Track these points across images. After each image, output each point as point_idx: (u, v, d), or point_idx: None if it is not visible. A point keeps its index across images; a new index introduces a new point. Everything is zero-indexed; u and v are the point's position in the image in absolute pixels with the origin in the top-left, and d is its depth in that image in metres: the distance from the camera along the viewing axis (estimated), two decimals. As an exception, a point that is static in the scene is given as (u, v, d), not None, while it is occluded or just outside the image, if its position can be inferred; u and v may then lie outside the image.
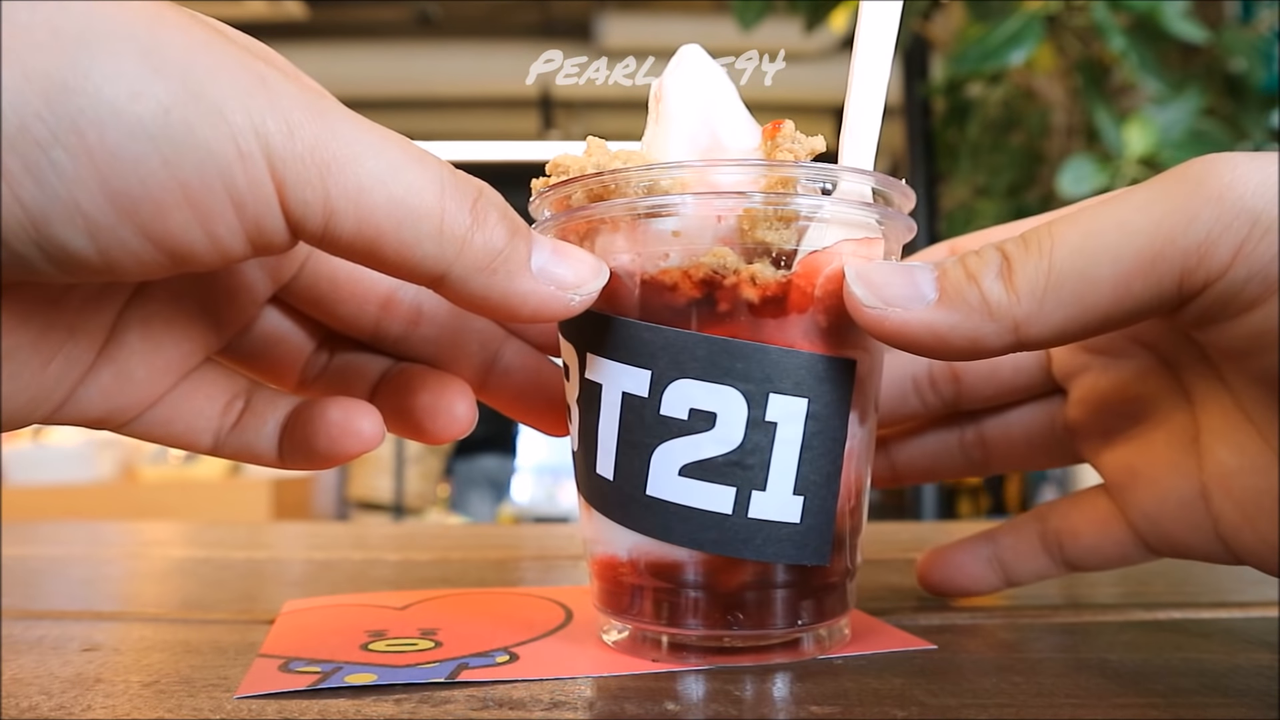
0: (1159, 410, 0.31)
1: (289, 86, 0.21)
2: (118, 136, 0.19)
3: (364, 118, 0.22)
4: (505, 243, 0.24)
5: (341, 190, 0.21)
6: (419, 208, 0.22)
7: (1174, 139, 1.38)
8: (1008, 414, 0.35)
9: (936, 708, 0.24)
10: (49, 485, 2.46)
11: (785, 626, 0.28)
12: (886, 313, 0.26)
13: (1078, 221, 0.24)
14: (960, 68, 1.49)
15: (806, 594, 0.29)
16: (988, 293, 0.25)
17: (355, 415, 0.29)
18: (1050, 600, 0.38)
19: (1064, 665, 0.29)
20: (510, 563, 0.50)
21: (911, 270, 0.26)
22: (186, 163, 0.20)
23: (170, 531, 0.67)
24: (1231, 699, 0.25)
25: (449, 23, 3.64)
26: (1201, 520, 0.29)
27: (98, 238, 0.20)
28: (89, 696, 0.26)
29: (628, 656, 0.29)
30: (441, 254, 0.23)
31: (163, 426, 0.29)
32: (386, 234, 0.22)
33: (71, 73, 0.19)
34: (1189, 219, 0.23)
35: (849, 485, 0.29)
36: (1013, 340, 0.25)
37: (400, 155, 0.22)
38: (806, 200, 0.27)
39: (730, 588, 0.28)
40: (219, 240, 0.21)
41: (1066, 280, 0.24)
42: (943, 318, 0.25)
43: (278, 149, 0.20)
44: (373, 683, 0.27)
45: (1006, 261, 0.25)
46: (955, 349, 0.25)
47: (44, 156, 0.19)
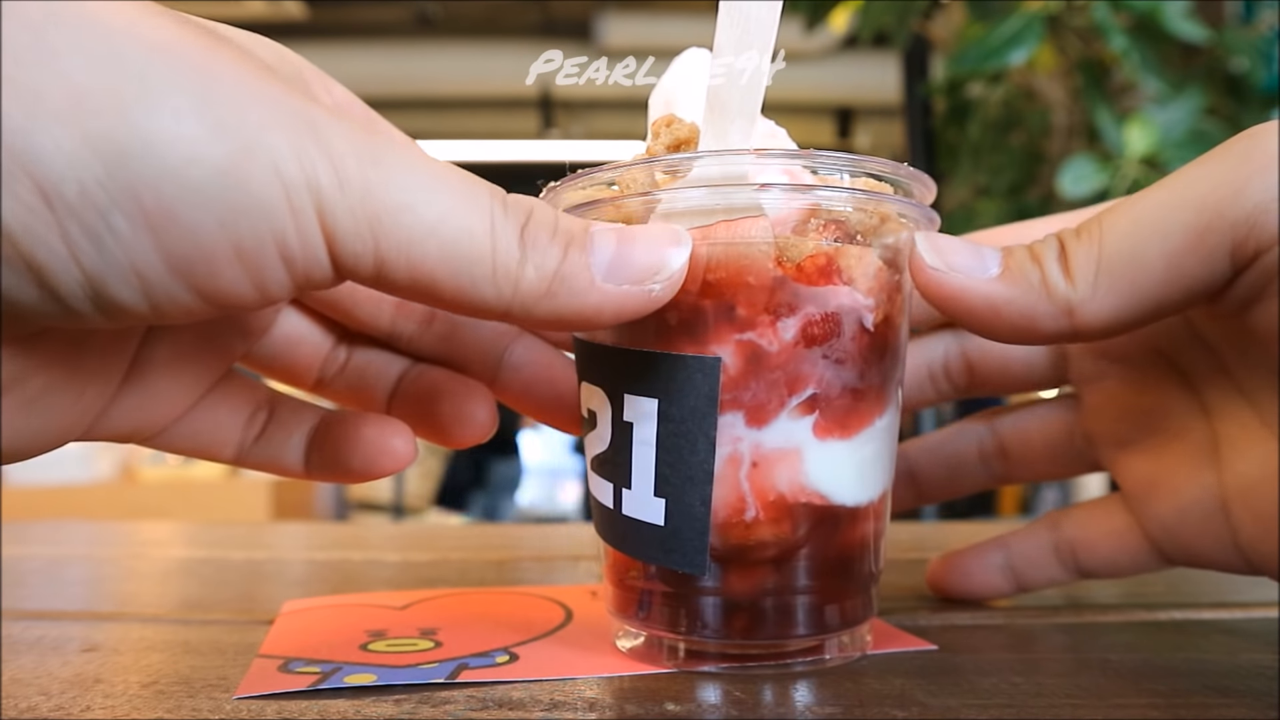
0: (1177, 420, 0.31)
1: (337, 129, 0.21)
2: (175, 201, 0.19)
3: (414, 148, 0.22)
4: (559, 262, 0.23)
5: (392, 242, 0.21)
6: (471, 253, 0.22)
7: (1175, 139, 1.38)
8: (1026, 425, 0.35)
9: (937, 708, 0.24)
10: (49, 485, 2.46)
11: (808, 633, 0.28)
12: (948, 276, 0.25)
13: (1127, 206, 0.25)
14: (961, 67, 1.49)
15: (830, 599, 0.28)
16: (1048, 272, 0.25)
17: (389, 434, 0.29)
18: (1051, 600, 0.38)
19: (1065, 665, 0.29)
20: (510, 563, 0.50)
21: (979, 246, 0.26)
22: (241, 223, 0.20)
23: (170, 531, 0.67)
24: (1232, 699, 0.25)
25: (449, 23, 3.64)
26: (1221, 532, 0.29)
27: (151, 294, 0.20)
28: (88, 697, 0.26)
29: (637, 661, 0.29)
30: (499, 294, 0.22)
31: (188, 439, 0.29)
32: (441, 281, 0.22)
33: (130, 138, 0.19)
34: (1236, 190, 0.23)
35: (760, 490, 0.27)
36: (1067, 325, 0.25)
37: (451, 196, 0.22)
38: (667, 194, 0.26)
39: (747, 593, 0.27)
40: (266, 290, 0.21)
41: (1118, 263, 0.24)
42: (1001, 291, 0.25)
43: (328, 202, 0.20)
44: (372, 683, 0.26)
45: (1063, 249, 0.25)
46: (1008, 324, 0.25)
47: (102, 221, 0.19)
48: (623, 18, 3.50)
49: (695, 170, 0.26)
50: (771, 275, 0.26)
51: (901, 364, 0.29)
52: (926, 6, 1.80)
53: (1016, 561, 0.35)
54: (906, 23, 1.68)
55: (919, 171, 0.28)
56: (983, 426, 0.36)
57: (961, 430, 0.36)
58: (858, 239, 0.27)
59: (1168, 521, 0.31)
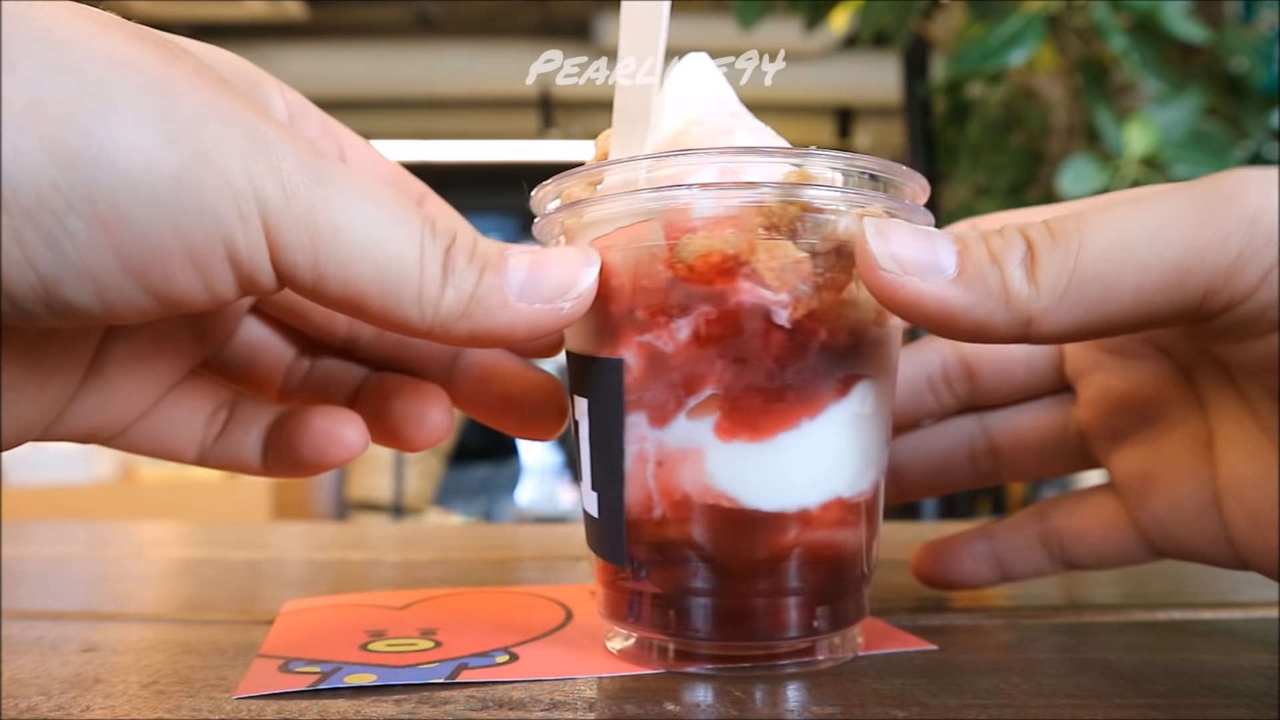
0: (1172, 414, 0.31)
1: (288, 147, 0.22)
2: (131, 205, 0.20)
3: (353, 173, 0.23)
4: (474, 284, 0.24)
5: (330, 258, 0.22)
6: (400, 275, 0.23)
7: (1175, 139, 1.38)
8: (1019, 421, 0.35)
9: (937, 708, 0.24)
10: (48, 485, 2.46)
11: (799, 635, 0.28)
12: (902, 281, 0.24)
13: (1108, 221, 0.24)
14: (960, 67, 1.49)
15: (821, 600, 0.28)
16: (1010, 279, 0.24)
17: (339, 423, 0.30)
18: (1050, 601, 0.38)
19: (1064, 666, 0.29)
20: (510, 563, 0.50)
21: (933, 238, 0.25)
22: (194, 227, 0.21)
23: (170, 531, 0.67)
24: (1232, 699, 0.25)
25: (449, 23, 3.63)
26: (1213, 526, 0.29)
27: (105, 296, 0.21)
28: (88, 697, 0.26)
29: (628, 663, 0.29)
30: (421, 315, 0.24)
31: (148, 439, 0.30)
32: (371, 299, 0.23)
33: (87, 144, 0.20)
34: (1222, 237, 0.23)
35: (659, 487, 0.27)
36: (1021, 333, 0.24)
37: (388, 222, 0.23)
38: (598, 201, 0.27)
39: (738, 593, 0.27)
40: (215, 291, 0.22)
41: (1090, 284, 0.23)
42: (958, 296, 0.24)
43: (274, 213, 0.22)
44: (372, 683, 0.27)
45: (1031, 251, 0.24)
46: (962, 330, 0.24)
47: (59, 225, 0.20)
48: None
49: (605, 180, 0.27)
50: (664, 277, 0.26)
51: (860, 361, 0.27)
52: (926, 6, 1.80)
53: (1002, 550, 0.34)
54: (906, 23, 1.68)
55: (911, 170, 0.27)
56: (973, 423, 0.35)
57: (951, 426, 0.36)
58: (774, 233, 0.26)
59: (1160, 515, 0.31)
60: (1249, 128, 1.48)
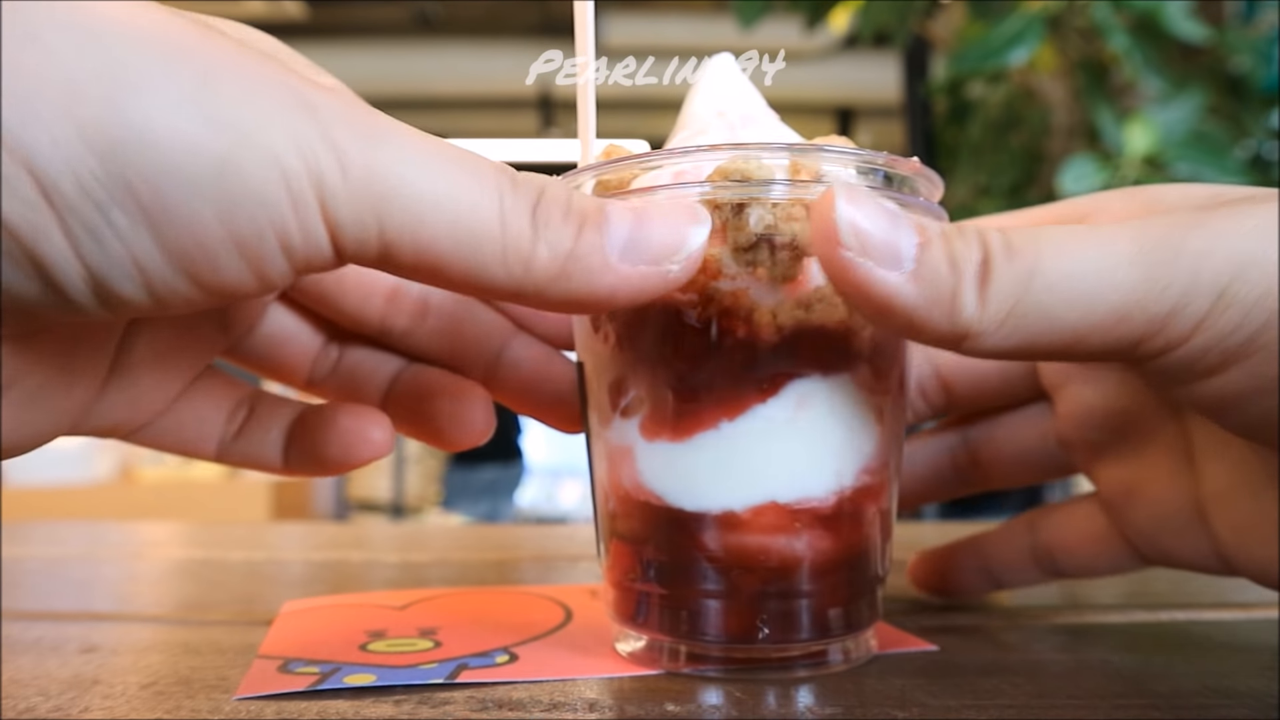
0: (1150, 426, 0.30)
1: (337, 110, 0.20)
2: (173, 195, 0.19)
3: (413, 131, 0.21)
4: (573, 241, 0.22)
5: (396, 225, 0.20)
6: (479, 231, 0.21)
7: (1175, 138, 1.38)
8: (998, 432, 0.34)
9: (938, 709, 0.24)
10: (48, 486, 2.45)
11: (811, 638, 0.27)
12: (857, 262, 0.23)
13: (1063, 249, 0.23)
14: (961, 67, 1.49)
15: (834, 602, 0.27)
16: (962, 291, 0.23)
17: (367, 423, 0.29)
18: (1051, 601, 0.38)
19: (1065, 666, 0.28)
20: (510, 563, 0.50)
21: (898, 223, 0.23)
22: (239, 215, 0.20)
23: (169, 532, 0.67)
24: (1233, 700, 0.25)
25: (449, 23, 3.64)
26: (1199, 536, 0.29)
27: (152, 287, 0.20)
28: (87, 698, 0.26)
29: (637, 665, 0.28)
30: (509, 275, 0.22)
31: (169, 434, 0.29)
32: (450, 261, 0.21)
33: (125, 131, 0.19)
34: (1162, 287, 0.22)
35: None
36: (953, 345, 0.23)
37: (456, 175, 0.21)
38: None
39: (750, 595, 0.27)
40: (267, 278, 0.21)
41: (1033, 313, 0.23)
42: (907, 295, 0.23)
43: (330, 190, 0.20)
44: (372, 683, 0.26)
45: (986, 265, 0.23)
46: (894, 324, 0.23)
47: (102, 217, 0.19)
48: (623, 18, 3.50)
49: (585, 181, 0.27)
50: None
51: (795, 358, 0.26)
52: (927, 6, 1.80)
53: (992, 565, 0.34)
54: (907, 22, 1.68)
55: (925, 168, 0.27)
56: (954, 436, 0.35)
57: (933, 440, 0.36)
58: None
59: (1145, 526, 0.30)
60: (1250, 127, 1.48)
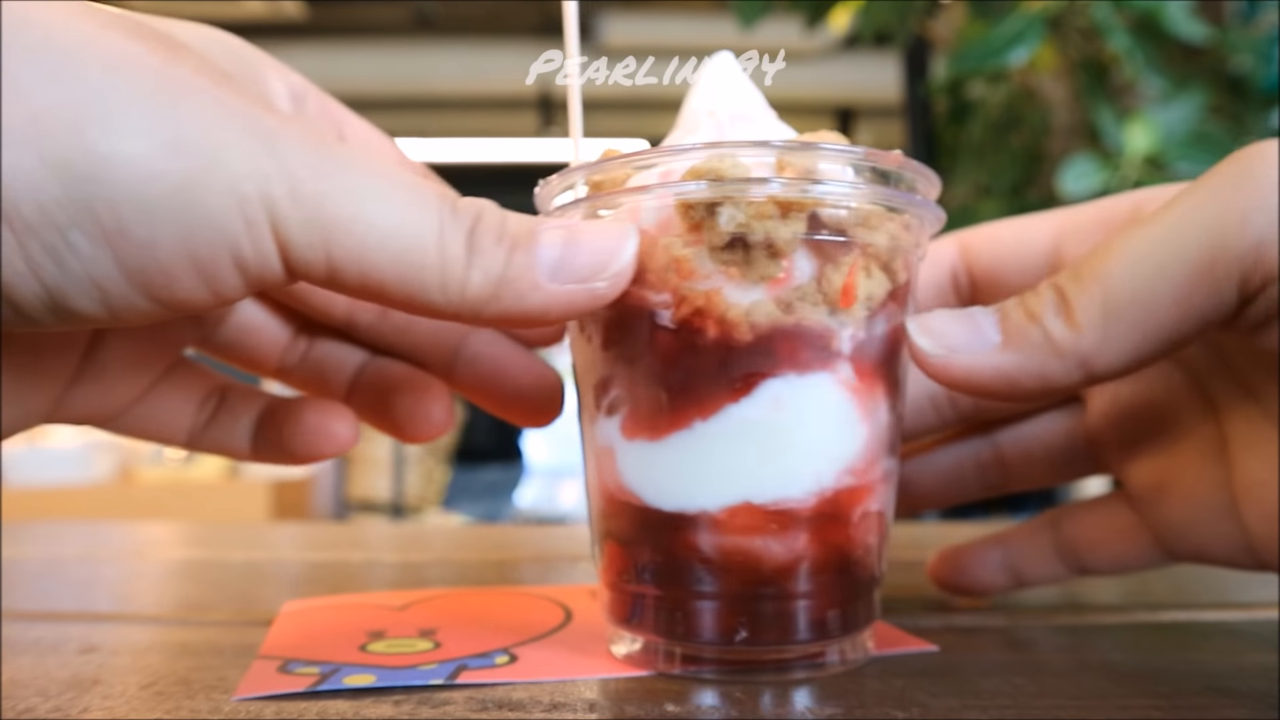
0: (1184, 420, 0.30)
1: (293, 140, 0.22)
2: (133, 218, 0.20)
3: (362, 157, 0.23)
4: (504, 265, 0.23)
5: (343, 251, 0.22)
6: (419, 261, 0.22)
7: (1176, 138, 1.38)
8: (1025, 433, 0.35)
9: (938, 709, 0.24)
10: (47, 486, 2.45)
11: (809, 639, 0.27)
12: (951, 359, 0.25)
13: (1127, 244, 0.24)
14: (961, 67, 1.49)
15: (824, 604, 0.27)
16: (1050, 330, 0.24)
17: (331, 419, 0.30)
18: (1052, 601, 0.38)
19: (1066, 666, 0.28)
20: (510, 563, 0.49)
21: (973, 315, 0.25)
22: (197, 236, 0.21)
23: (169, 532, 0.67)
24: (1234, 700, 0.25)
25: (448, 23, 3.64)
26: (1231, 531, 0.29)
27: (109, 303, 0.21)
28: (86, 698, 0.26)
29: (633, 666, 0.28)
30: (447, 299, 0.23)
31: (141, 423, 0.30)
32: (391, 286, 0.23)
33: (88, 158, 0.19)
34: (1240, 220, 0.22)
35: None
36: (1082, 375, 0.24)
37: (402, 205, 0.22)
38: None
39: (731, 596, 0.27)
40: (221, 294, 0.22)
41: (1125, 307, 0.23)
42: (1009, 360, 0.24)
43: (282, 215, 0.21)
44: (372, 684, 0.26)
45: (1062, 297, 0.24)
46: (1025, 390, 0.25)
47: (62, 239, 0.20)
48: (623, 18, 3.50)
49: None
50: None
51: (771, 359, 0.26)
52: (927, 6, 1.80)
53: (1016, 560, 0.34)
54: (907, 22, 1.68)
55: (923, 166, 0.27)
56: (980, 438, 0.35)
57: (956, 440, 0.36)
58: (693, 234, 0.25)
59: (1176, 521, 0.30)
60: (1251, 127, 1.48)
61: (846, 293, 0.26)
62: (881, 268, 0.27)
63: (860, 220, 0.26)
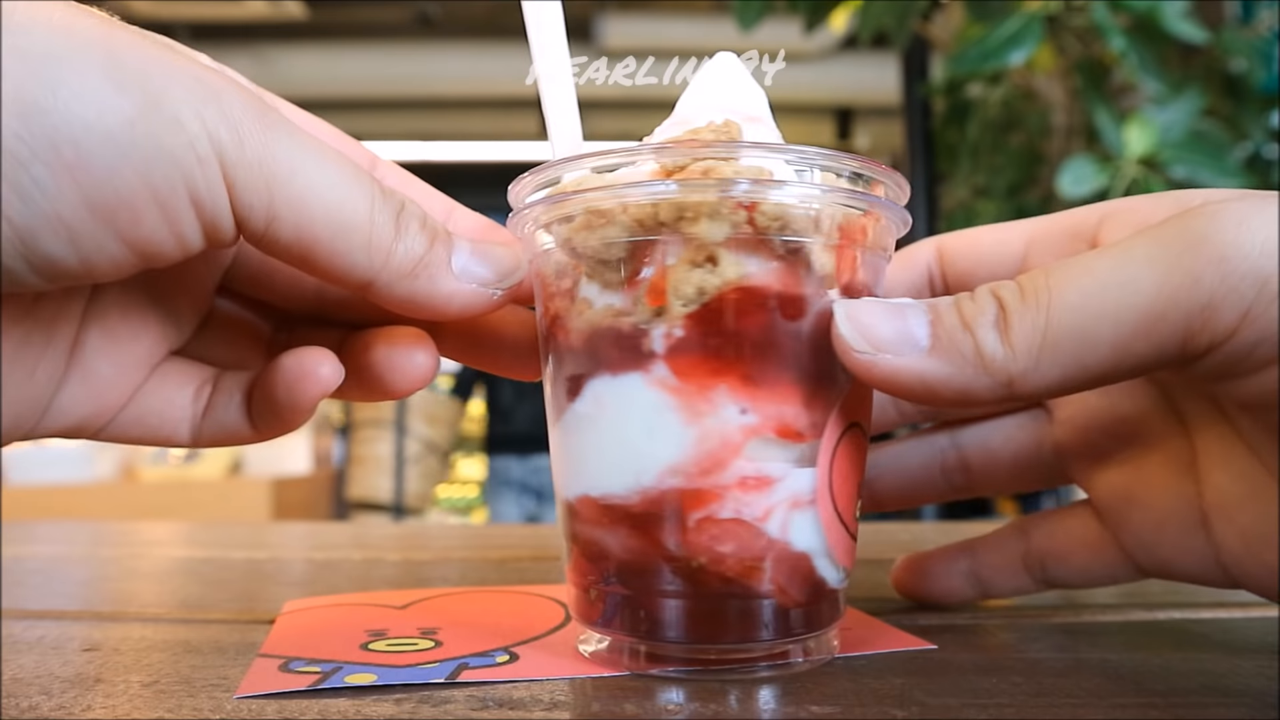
0: (1152, 433, 0.30)
1: (238, 97, 0.23)
2: (91, 149, 0.21)
3: (303, 130, 0.24)
4: (425, 250, 0.26)
5: (285, 199, 0.23)
6: (351, 220, 0.24)
7: (1174, 139, 1.38)
8: (989, 437, 0.34)
9: (937, 708, 0.24)
10: (49, 485, 2.46)
11: (773, 637, 0.27)
12: (876, 359, 0.25)
13: (1077, 275, 0.23)
14: (960, 68, 1.49)
15: (797, 602, 0.27)
16: (982, 344, 0.24)
17: (310, 359, 0.28)
18: (1050, 600, 0.38)
19: (1064, 665, 0.29)
20: (510, 563, 0.50)
21: (903, 311, 0.25)
22: (155, 169, 0.22)
23: (170, 531, 0.67)
24: (1231, 699, 0.25)
25: (449, 23, 3.63)
26: (1201, 546, 0.29)
27: (79, 245, 0.22)
28: (89, 697, 0.26)
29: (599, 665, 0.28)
30: (369, 263, 0.25)
31: (138, 424, 0.29)
32: (321, 241, 0.24)
33: (42, 92, 0.21)
34: (1193, 280, 0.22)
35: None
36: (1005, 394, 0.24)
37: (338, 170, 0.24)
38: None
39: (710, 595, 0.27)
40: (183, 238, 0.23)
41: (1064, 339, 0.23)
42: (935, 368, 0.24)
43: (230, 156, 0.23)
44: (373, 683, 0.27)
45: (1003, 312, 0.24)
46: (945, 400, 0.25)
47: (26, 174, 0.21)
48: (623, 18, 3.50)
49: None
50: None
51: (593, 361, 0.27)
52: (926, 7, 1.80)
53: (982, 570, 0.34)
54: (906, 23, 1.68)
55: (890, 170, 0.27)
56: (944, 439, 0.35)
57: (922, 442, 0.35)
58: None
59: (1143, 535, 0.30)
60: (1248, 128, 1.48)
61: (653, 291, 0.26)
62: (742, 258, 0.25)
63: (676, 214, 0.25)
